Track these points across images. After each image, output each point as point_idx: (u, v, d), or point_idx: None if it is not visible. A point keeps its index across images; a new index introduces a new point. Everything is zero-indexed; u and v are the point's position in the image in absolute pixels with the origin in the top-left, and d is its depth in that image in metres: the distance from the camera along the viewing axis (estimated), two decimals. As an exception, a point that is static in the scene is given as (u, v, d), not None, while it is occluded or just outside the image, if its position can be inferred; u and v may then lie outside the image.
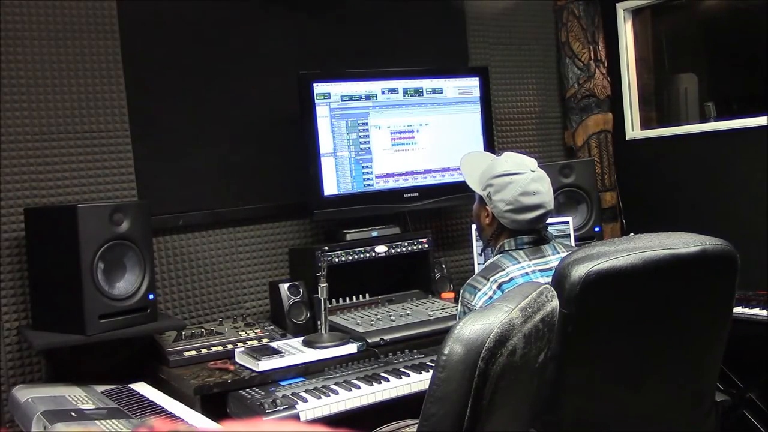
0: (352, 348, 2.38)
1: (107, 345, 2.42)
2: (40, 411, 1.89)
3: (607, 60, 3.66)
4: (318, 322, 2.47)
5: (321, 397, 2.12)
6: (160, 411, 1.97)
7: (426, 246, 2.95)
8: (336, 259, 2.73)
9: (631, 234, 1.83)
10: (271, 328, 2.66)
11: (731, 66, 3.60)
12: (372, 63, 3.09)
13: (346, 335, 2.46)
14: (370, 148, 2.94)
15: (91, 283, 2.20)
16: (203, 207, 2.81)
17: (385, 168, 2.99)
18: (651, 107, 3.80)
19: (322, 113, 2.84)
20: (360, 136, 2.93)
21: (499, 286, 1.93)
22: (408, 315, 2.66)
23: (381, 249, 2.85)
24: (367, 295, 2.89)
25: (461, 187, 2.51)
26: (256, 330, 2.61)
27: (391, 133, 3.00)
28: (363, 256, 2.80)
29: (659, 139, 3.55)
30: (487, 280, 1.95)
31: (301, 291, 2.71)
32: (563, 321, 1.52)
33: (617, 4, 3.63)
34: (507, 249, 2.05)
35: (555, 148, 3.73)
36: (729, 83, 3.65)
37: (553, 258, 2.00)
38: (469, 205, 2.52)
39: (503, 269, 1.97)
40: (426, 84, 3.07)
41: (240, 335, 2.56)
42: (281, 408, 2.04)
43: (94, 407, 2.00)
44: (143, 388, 2.22)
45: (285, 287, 2.70)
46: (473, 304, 1.93)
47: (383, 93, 2.98)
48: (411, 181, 3.04)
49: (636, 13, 3.67)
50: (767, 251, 2.95)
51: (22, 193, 2.48)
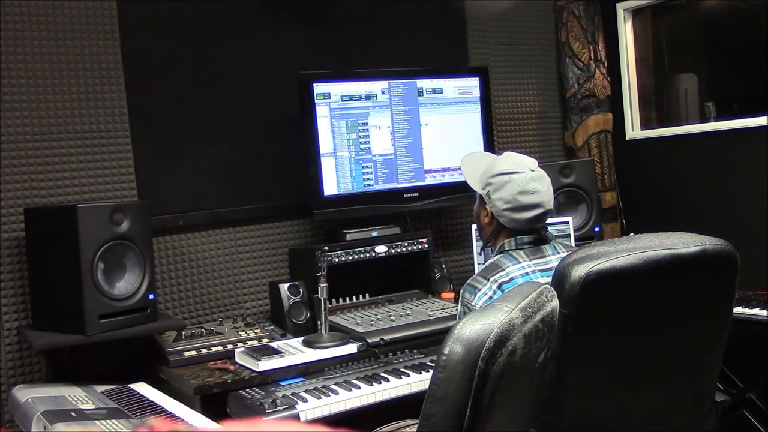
0: (352, 348, 2.38)
1: (107, 345, 2.42)
2: (40, 411, 1.89)
3: (607, 60, 3.66)
4: (318, 322, 2.47)
5: (321, 397, 2.12)
6: (160, 411, 1.97)
7: (426, 246, 2.95)
8: (336, 259, 2.72)
9: (631, 234, 1.83)
10: (271, 328, 2.66)
11: (731, 66, 3.60)
12: (372, 63, 3.09)
13: (346, 335, 2.46)
14: (370, 148, 2.94)
15: (91, 283, 2.20)
16: (203, 207, 2.81)
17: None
18: (651, 107, 3.80)
19: (322, 113, 2.84)
20: (360, 136, 2.93)
21: (499, 286, 1.93)
22: (408, 315, 2.66)
23: (381, 249, 2.85)
24: (367, 295, 2.89)
25: (461, 187, 2.52)
26: (256, 330, 2.61)
27: (391, 133, 3.00)
28: (363, 256, 2.80)
29: (659, 139, 3.55)
30: (487, 280, 1.95)
31: (301, 291, 2.71)
32: (563, 321, 1.52)
33: (617, 4, 3.63)
34: (507, 249, 2.05)
35: (555, 148, 3.73)
36: (729, 83, 3.65)
37: (553, 258, 2.00)
38: (469, 205, 2.53)
39: (503, 269, 1.97)
40: (426, 84, 3.07)
41: (240, 335, 2.56)
42: (281, 408, 2.04)
43: (94, 407, 2.00)
44: (143, 388, 2.22)
45: (285, 287, 2.70)
46: (473, 304, 1.93)
47: (383, 93, 2.98)
48: (411, 181, 3.04)
49: (636, 13, 3.67)
50: (767, 251, 2.95)
51: (22, 193, 2.48)
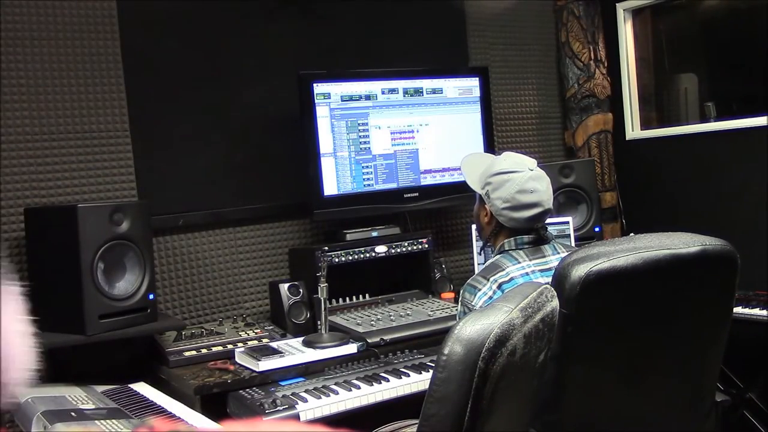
0: (352, 348, 2.38)
1: (107, 345, 2.41)
2: (40, 411, 1.89)
3: (607, 60, 3.65)
4: (318, 322, 2.47)
5: (321, 397, 2.12)
6: (160, 411, 1.97)
7: (426, 246, 2.95)
8: (336, 259, 2.72)
9: (631, 234, 1.83)
10: (271, 328, 2.66)
11: (731, 66, 3.60)
12: (372, 63, 3.09)
13: (346, 335, 2.46)
14: (370, 148, 2.94)
15: (91, 283, 2.20)
16: (203, 207, 2.81)
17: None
18: (651, 107, 3.80)
19: (322, 113, 2.84)
20: (360, 136, 2.93)
21: (499, 286, 1.93)
22: (408, 315, 2.66)
23: (381, 249, 2.84)
24: (367, 295, 2.89)
25: (461, 187, 2.52)
26: (256, 330, 2.61)
27: (391, 133, 3.00)
28: (363, 256, 2.80)
29: (659, 139, 3.55)
30: (487, 280, 1.95)
31: (301, 291, 2.71)
32: (563, 321, 1.52)
33: (617, 4, 3.63)
34: (507, 249, 2.05)
35: (555, 148, 3.72)
36: (729, 83, 3.64)
37: (553, 258, 2.00)
38: (469, 205, 2.53)
39: (503, 269, 1.97)
40: (426, 84, 3.07)
41: (240, 335, 2.56)
42: (281, 408, 2.04)
43: (94, 407, 1.99)
44: (143, 388, 2.21)
45: (285, 287, 2.70)
46: (473, 304, 1.93)
47: (383, 93, 2.98)
48: (411, 182, 3.04)
49: (636, 13, 3.67)
50: (767, 251, 2.95)
51: (22, 193, 2.48)
